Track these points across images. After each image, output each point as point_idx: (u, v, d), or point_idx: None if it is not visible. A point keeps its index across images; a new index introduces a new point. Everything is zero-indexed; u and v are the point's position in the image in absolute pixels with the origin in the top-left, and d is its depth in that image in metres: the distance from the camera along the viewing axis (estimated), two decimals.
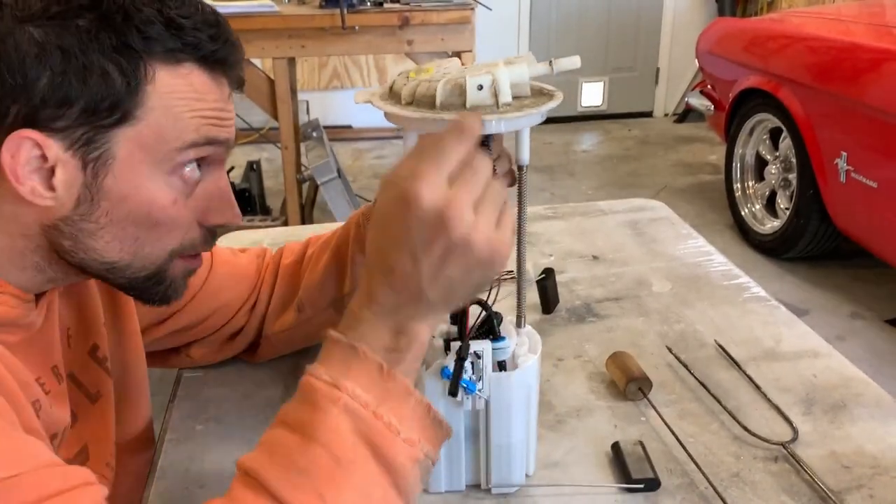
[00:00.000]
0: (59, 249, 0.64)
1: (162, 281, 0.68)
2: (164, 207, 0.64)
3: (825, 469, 0.81)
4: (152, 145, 0.63)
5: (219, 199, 0.68)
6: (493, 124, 0.66)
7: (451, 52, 2.98)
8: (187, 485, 0.81)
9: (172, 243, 0.67)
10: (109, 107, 0.60)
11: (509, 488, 0.79)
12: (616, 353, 0.96)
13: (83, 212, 0.62)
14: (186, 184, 0.66)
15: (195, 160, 0.65)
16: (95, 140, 0.61)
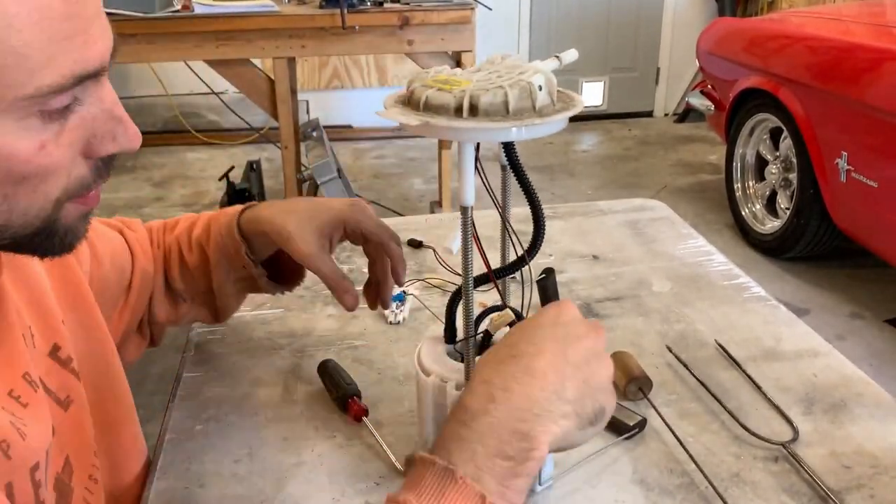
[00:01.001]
0: None
1: (54, 232, 0.56)
2: (26, 159, 0.51)
3: (825, 469, 0.81)
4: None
5: (105, 122, 0.55)
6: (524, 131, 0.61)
7: (451, 52, 2.98)
8: (187, 484, 0.81)
9: (54, 191, 0.54)
10: None
11: (549, 481, 0.79)
12: (616, 353, 0.96)
13: None
14: (53, 120, 0.52)
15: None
16: None
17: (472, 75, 0.65)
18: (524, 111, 0.62)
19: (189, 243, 0.94)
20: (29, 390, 0.61)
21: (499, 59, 0.69)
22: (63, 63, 0.50)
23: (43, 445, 0.61)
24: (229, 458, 0.84)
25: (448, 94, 0.61)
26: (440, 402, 0.73)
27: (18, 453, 0.57)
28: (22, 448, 0.57)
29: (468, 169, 0.64)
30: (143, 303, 0.93)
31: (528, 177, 0.68)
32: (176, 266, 0.94)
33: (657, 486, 0.79)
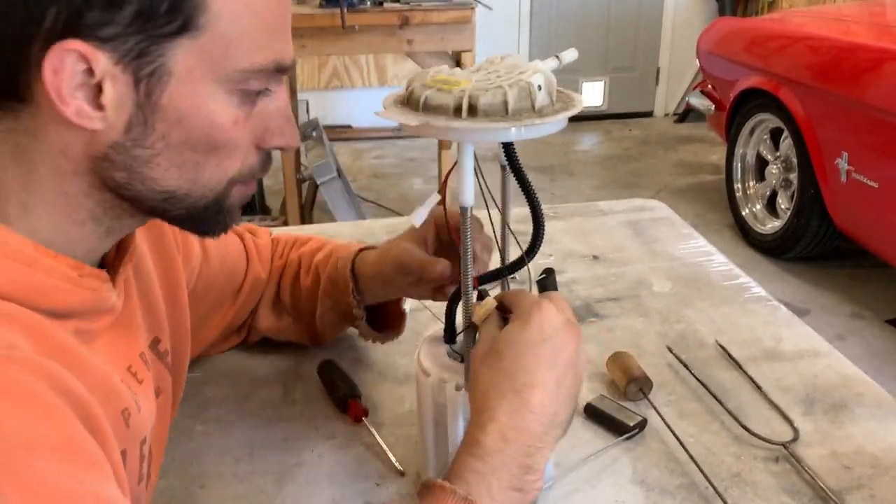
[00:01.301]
0: (112, 184, 0.57)
1: (221, 209, 0.62)
2: (225, 129, 0.57)
3: (826, 469, 0.81)
4: (216, 61, 0.55)
5: (278, 120, 0.61)
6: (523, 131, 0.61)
7: (451, 51, 2.98)
8: (187, 484, 0.80)
9: (232, 169, 0.60)
10: (168, 9, 0.51)
11: (549, 481, 0.79)
12: (616, 353, 0.96)
13: (136, 136, 0.55)
14: (247, 102, 0.58)
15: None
16: (149, 52, 0.52)
17: (471, 75, 0.65)
18: (523, 111, 0.61)
19: (309, 265, 0.96)
20: (143, 368, 0.66)
21: (498, 59, 0.68)
22: (270, 51, 0.57)
23: (150, 422, 0.65)
24: (229, 458, 0.84)
25: (447, 95, 0.61)
26: (440, 402, 0.72)
27: (135, 424, 0.60)
28: (138, 420, 0.61)
29: (467, 169, 0.64)
30: (249, 307, 0.98)
31: (527, 177, 0.68)
32: (289, 282, 0.98)
33: (657, 486, 0.79)
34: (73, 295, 0.56)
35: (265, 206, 3.55)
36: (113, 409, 0.57)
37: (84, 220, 0.58)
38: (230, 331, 0.99)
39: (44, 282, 0.54)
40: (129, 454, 0.60)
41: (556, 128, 0.63)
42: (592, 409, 0.89)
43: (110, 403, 0.57)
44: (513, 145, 0.67)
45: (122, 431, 0.58)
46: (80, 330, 0.57)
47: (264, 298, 0.99)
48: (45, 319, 0.53)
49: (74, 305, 0.57)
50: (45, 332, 0.52)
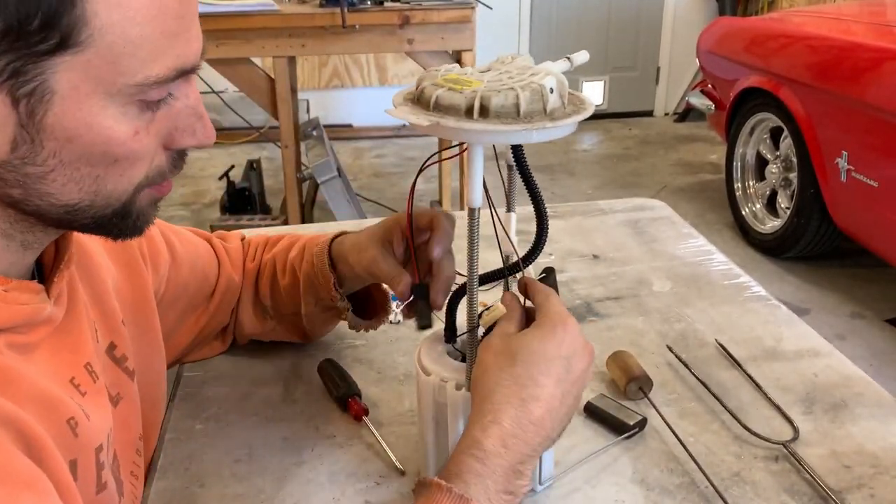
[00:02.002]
0: (10, 200, 0.54)
1: (129, 215, 0.59)
2: (122, 142, 0.54)
3: (826, 468, 0.81)
4: (105, 77, 0.51)
5: (188, 117, 0.58)
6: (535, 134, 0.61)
7: (451, 51, 2.98)
8: (187, 484, 0.80)
9: (138, 176, 0.57)
10: (41, 26, 0.47)
11: (549, 480, 0.79)
12: (616, 353, 0.96)
13: (24, 154, 0.51)
14: (148, 110, 0.55)
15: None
16: (26, 71, 0.49)
17: (482, 75, 0.64)
18: (535, 114, 0.61)
19: (284, 264, 0.95)
20: (89, 380, 0.64)
21: (509, 59, 0.68)
22: (168, 57, 0.53)
23: (105, 429, 0.63)
24: (229, 457, 0.84)
25: (459, 95, 0.61)
26: (440, 402, 0.72)
27: (84, 432, 0.59)
28: (87, 428, 0.59)
29: (477, 170, 0.64)
30: (225, 311, 0.96)
31: (534, 179, 0.68)
32: (267, 284, 0.96)
33: (657, 485, 0.79)
34: (1, 312, 0.54)
35: (265, 206, 3.55)
36: (55, 419, 0.56)
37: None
38: (208, 336, 0.97)
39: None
40: (81, 463, 0.59)
41: (567, 131, 0.62)
42: (592, 408, 0.89)
43: (51, 414, 0.55)
44: (522, 147, 0.67)
45: (70, 441, 0.57)
46: (13, 343, 0.55)
47: (244, 303, 0.97)
48: None
49: (5, 321, 0.55)
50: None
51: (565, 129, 0.62)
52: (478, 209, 0.66)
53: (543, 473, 0.78)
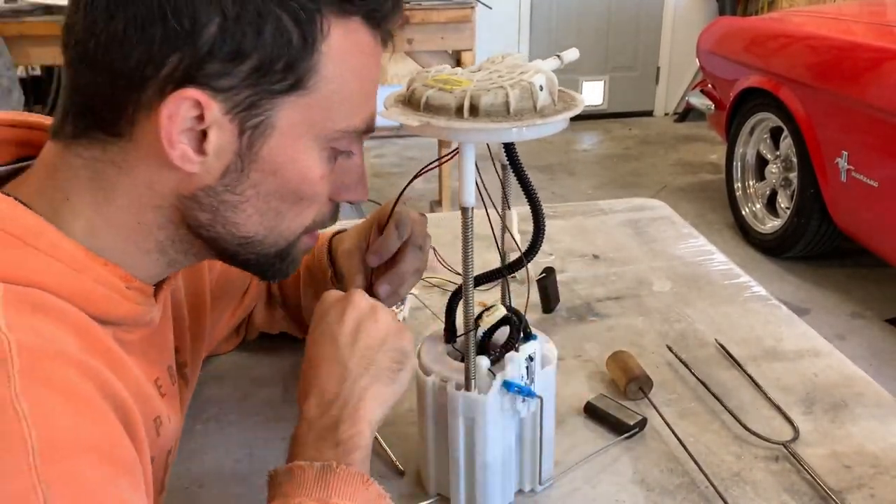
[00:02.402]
0: (194, 223, 0.58)
1: (287, 256, 0.64)
2: (313, 182, 0.59)
3: (826, 468, 0.81)
4: (318, 120, 0.57)
5: (354, 176, 0.64)
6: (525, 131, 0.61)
7: (451, 51, 2.97)
8: (187, 484, 0.80)
9: (308, 219, 0.62)
10: (283, 68, 0.53)
11: (549, 480, 0.79)
12: (616, 353, 0.96)
13: (229, 182, 0.56)
14: (332, 159, 0.61)
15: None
16: (259, 105, 0.54)
17: (472, 75, 0.65)
18: (525, 111, 0.61)
19: None
20: (168, 382, 0.67)
21: (499, 59, 0.68)
22: (363, 113, 0.60)
23: (177, 434, 0.67)
24: (229, 458, 0.84)
25: (449, 95, 0.61)
26: (440, 402, 0.72)
27: (165, 433, 0.62)
28: (167, 429, 0.63)
29: (468, 169, 0.64)
30: (252, 306, 0.98)
31: (528, 177, 0.68)
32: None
33: (657, 485, 0.79)
34: (118, 306, 0.57)
35: None
36: (148, 415, 0.58)
37: (150, 250, 0.59)
38: (234, 329, 0.99)
39: (92, 289, 0.55)
40: (157, 462, 0.61)
41: (558, 128, 0.63)
42: (592, 408, 0.89)
43: (146, 410, 0.57)
44: (514, 145, 0.67)
45: (154, 439, 0.59)
46: (117, 338, 0.57)
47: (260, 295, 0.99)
48: (91, 321, 0.54)
49: (118, 315, 0.57)
50: (92, 334, 0.53)
51: (556, 125, 0.62)
52: (471, 208, 0.66)
53: (543, 473, 0.78)
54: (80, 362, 0.49)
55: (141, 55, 0.51)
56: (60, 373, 0.47)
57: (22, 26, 2.52)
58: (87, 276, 0.54)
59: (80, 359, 0.49)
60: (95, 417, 0.48)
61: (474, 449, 0.71)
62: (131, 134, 0.54)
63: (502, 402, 0.71)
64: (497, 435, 0.72)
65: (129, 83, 0.52)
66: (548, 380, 0.75)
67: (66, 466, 0.44)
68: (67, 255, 0.54)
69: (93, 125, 0.55)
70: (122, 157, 0.55)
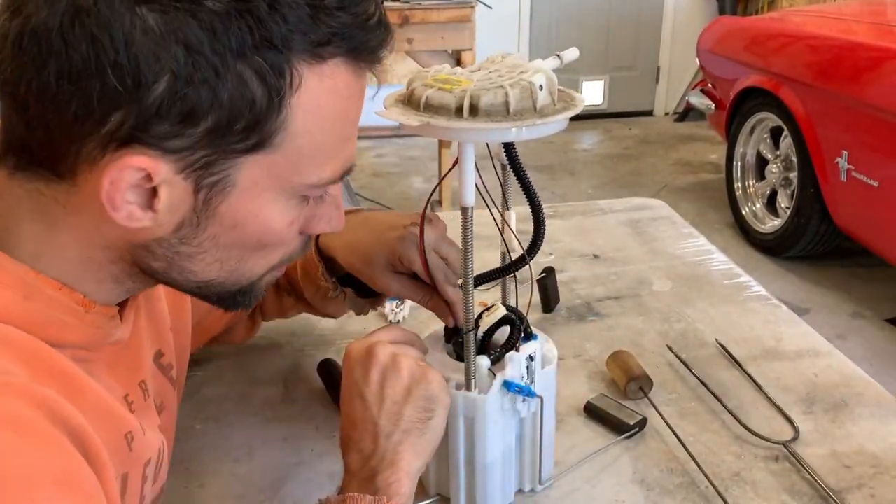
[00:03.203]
0: (147, 269, 0.55)
1: (250, 292, 0.61)
2: (278, 231, 0.56)
3: (826, 468, 0.80)
4: (284, 176, 0.53)
5: (328, 209, 0.61)
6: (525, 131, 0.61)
7: (451, 50, 2.97)
8: (187, 484, 0.80)
9: (274, 260, 0.60)
10: (245, 128, 0.49)
11: (549, 480, 0.79)
12: (617, 352, 0.96)
13: (184, 235, 0.53)
14: (305, 203, 0.57)
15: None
16: (216, 165, 0.50)
17: (472, 75, 0.65)
18: (525, 111, 0.61)
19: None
20: (140, 397, 0.64)
21: (499, 58, 0.68)
22: (338, 160, 0.56)
23: (156, 444, 0.64)
24: (229, 457, 0.84)
25: (448, 94, 0.61)
26: None
27: (138, 447, 0.59)
28: (142, 443, 0.60)
29: (468, 169, 0.64)
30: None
31: (528, 176, 0.68)
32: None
33: (657, 485, 0.79)
34: (75, 331, 0.54)
35: None
36: (114, 433, 0.56)
37: (103, 279, 0.55)
38: (242, 317, 0.96)
39: (45, 315, 0.51)
40: (131, 477, 0.59)
41: (558, 128, 0.62)
42: (592, 407, 0.89)
43: (111, 428, 0.55)
44: (514, 145, 0.67)
45: (125, 455, 0.57)
46: (77, 357, 0.55)
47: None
48: (43, 345, 0.51)
49: (75, 340, 0.54)
50: (42, 358, 0.50)
51: (555, 125, 0.62)
52: (471, 208, 0.66)
53: (543, 473, 0.78)
54: (28, 392, 0.46)
55: (78, 109, 0.46)
56: (7, 405, 0.44)
57: None
58: (37, 302, 0.51)
59: (29, 388, 0.46)
60: (49, 449, 0.45)
61: (474, 449, 0.71)
62: (73, 180, 0.50)
63: (502, 402, 0.71)
64: (497, 435, 0.72)
65: (66, 135, 0.48)
66: (548, 380, 0.75)
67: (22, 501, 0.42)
68: (15, 280, 0.51)
69: (33, 163, 0.50)
70: (65, 197, 0.51)
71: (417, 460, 0.65)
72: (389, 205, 3.89)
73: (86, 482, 0.47)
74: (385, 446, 0.64)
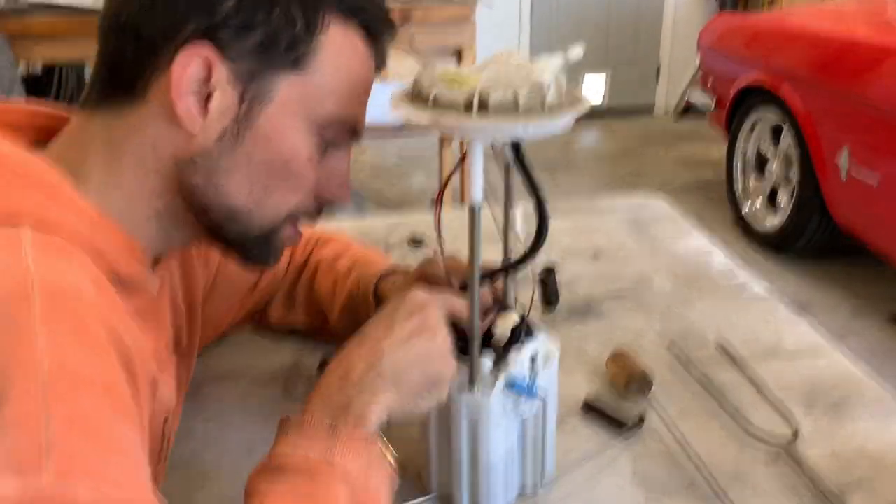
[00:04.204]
0: (187, 187, 0.62)
1: (268, 242, 0.68)
2: (301, 161, 0.64)
3: (826, 468, 0.80)
4: (310, 101, 0.63)
5: (338, 178, 0.68)
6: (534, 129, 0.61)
7: (452, 48, 2.97)
8: (187, 484, 0.80)
9: (293, 202, 0.66)
10: (286, 46, 0.60)
11: (549, 481, 0.79)
12: (617, 352, 0.96)
13: (224, 146, 0.61)
14: (320, 148, 0.65)
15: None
16: (261, 76, 0.60)
17: (479, 72, 0.65)
18: (534, 109, 0.61)
19: (328, 272, 0.97)
20: (166, 357, 0.71)
21: (504, 57, 0.68)
22: (353, 110, 0.66)
23: (172, 404, 0.70)
24: (229, 457, 0.84)
25: (457, 92, 0.61)
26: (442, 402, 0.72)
27: (161, 398, 0.65)
28: (163, 395, 0.66)
29: (477, 167, 0.64)
30: (264, 300, 1.00)
31: (534, 175, 0.68)
32: (307, 282, 0.99)
33: (657, 485, 0.79)
34: (126, 264, 0.61)
35: None
36: (146, 375, 0.60)
37: (149, 216, 0.63)
38: (245, 319, 1.02)
39: (104, 245, 0.59)
40: (153, 424, 0.63)
41: (566, 125, 0.63)
42: (591, 406, 0.89)
43: (145, 369, 0.60)
44: (521, 143, 0.67)
45: (150, 399, 0.62)
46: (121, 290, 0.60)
47: (279, 292, 1.00)
48: (102, 276, 0.57)
49: (125, 273, 0.61)
50: (104, 287, 0.57)
51: (564, 123, 0.62)
52: (478, 207, 0.66)
53: (545, 473, 0.78)
54: (95, 307, 0.53)
55: (164, 20, 0.58)
56: (76, 312, 0.51)
57: (23, 23, 2.51)
58: (99, 234, 0.59)
59: (96, 304, 0.53)
60: (103, 358, 0.51)
61: (478, 449, 0.71)
62: (145, 94, 0.60)
63: (505, 403, 0.71)
64: (500, 435, 0.72)
65: (150, 46, 0.59)
66: (550, 380, 0.75)
67: (71, 396, 0.47)
68: (80, 211, 0.59)
69: (113, 90, 0.61)
70: (134, 117, 0.60)
71: (384, 416, 0.64)
72: (390, 203, 3.89)
73: (126, 398, 0.52)
74: (372, 384, 0.63)
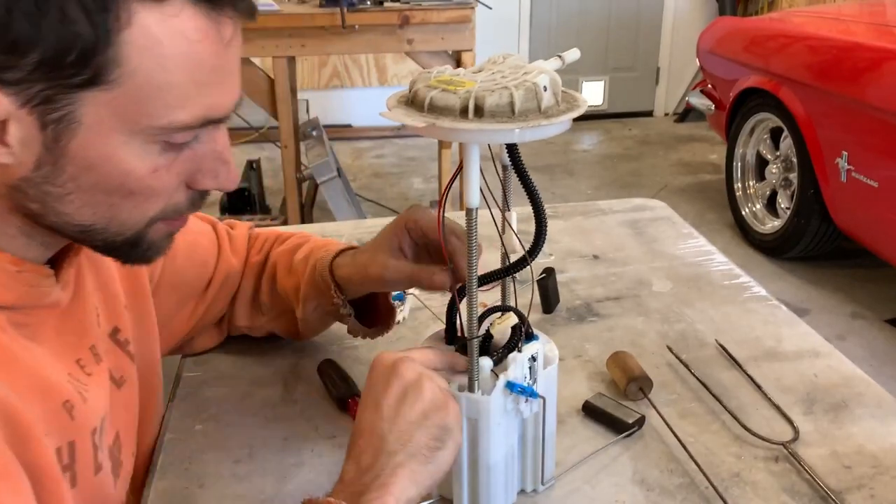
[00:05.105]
0: (27, 212, 0.57)
1: (140, 244, 0.62)
2: (140, 177, 0.56)
3: (826, 469, 0.81)
4: (130, 115, 0.53)
5: (213, 161, 0.61)
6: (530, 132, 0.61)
7: (451, 51, 2.97)
8: (187, 484, 0.80)
9: (152, 210, 0.60)
10: (76, 61, 0.50)
11: (549, 481, 0.79)
12: (616, 353, 0.96)
13: (46, 174, 0.55)
14: (171, 150, 0.57)
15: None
16: (56, 100, 0.51)
17: (474, 76, 0.65)
18: (529, 112, 0.61)
19: (288, 266, 0.94)
20: (92, 361, 0.67)
21: (500, 59, 0.68)
22: (197, 106, 0.56)
23: (101, 412, 0.66)
24: (229, 458, 0.84)
25: (453, 95, 0.61)
26: None
27: (81, 415, 0.61)
28: (84, 410, 0.62)
29: (473, 171, 0.64)
30: (223, 300, 0.96)
31: (530, 177, 0.68)
32: (269, 282, 0.96)
33: (657, 485, 0.79)
34: (8, 290, 0.57)
35: (265, 206, 3.55)
36: (51, 403, 0.58)
37: (15, 234, 0.59)
38: (207, 324, 0.97)
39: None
40: (79, 445, 0.61)
41: (562, 128, 0.62)
42: (591, 407, 0.89)
43: (46, 398, 0.57)
44: (517, 146, 0.67)
45: (66, 423, 0.59)
46: (16, 322, 0.57)
47: (242, 296, 0.97)
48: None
49: (9, 300, 0.57)
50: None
51: (560, 126, 0.62)
52: (475, 209, 0.66)
53: (545, 474, 0.78)
54: None
55: None
56: None
57: None
58: None
59: None
60: None
61: (478, 450, 0.71)
62: None
63: (505, 403, 0.71)
64: (500, 436, 0.72)
65: None
66: (550, 380, 0.75)
67: None
68: None
69: None
70: None
71: (413, 488, 0.62)
72: (389, 205, 3.89)
73: (3, 458, 0.49)
74: (384, 464, 0.62)
